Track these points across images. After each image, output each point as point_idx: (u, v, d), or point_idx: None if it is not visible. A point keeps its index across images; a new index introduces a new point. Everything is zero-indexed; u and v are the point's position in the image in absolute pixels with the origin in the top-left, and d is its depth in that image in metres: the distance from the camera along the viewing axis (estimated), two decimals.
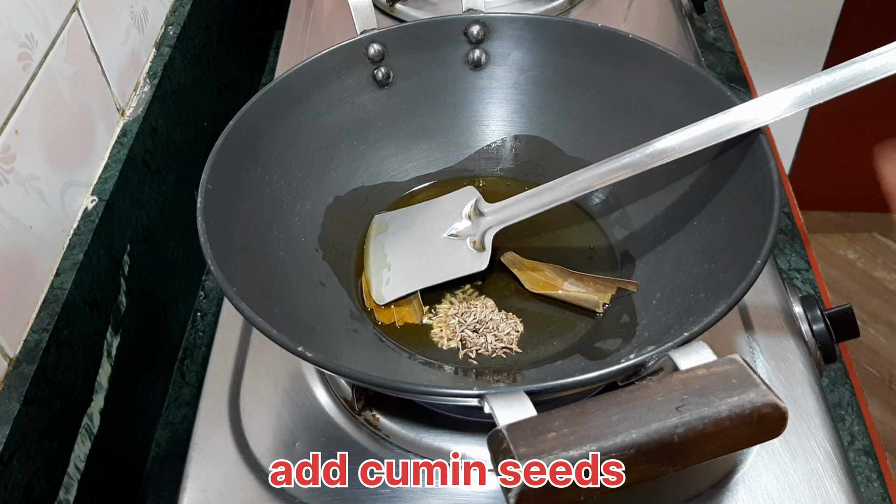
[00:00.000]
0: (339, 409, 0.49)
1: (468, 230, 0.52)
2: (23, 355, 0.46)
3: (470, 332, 0.49)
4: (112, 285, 0.55)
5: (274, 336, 0.39)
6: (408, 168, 0.59)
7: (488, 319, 0.49)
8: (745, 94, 0.82)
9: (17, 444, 0.43)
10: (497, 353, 0.48)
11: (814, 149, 1.67)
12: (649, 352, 0.36)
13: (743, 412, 0.32)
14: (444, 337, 0.49)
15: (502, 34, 0.57)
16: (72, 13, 0.55)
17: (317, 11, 0.80)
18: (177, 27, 0.70)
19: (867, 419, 0.57)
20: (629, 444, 0.31)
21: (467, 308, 0.50)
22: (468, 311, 0.50)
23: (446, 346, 0.49)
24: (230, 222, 0.47)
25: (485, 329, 0.49)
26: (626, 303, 0.49)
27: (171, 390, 0.63)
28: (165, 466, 0.58)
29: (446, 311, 0.50)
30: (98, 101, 0.58)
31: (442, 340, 0.49)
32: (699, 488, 0.44)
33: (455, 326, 0.49)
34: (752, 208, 0.44)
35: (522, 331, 0.49)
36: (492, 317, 0.50)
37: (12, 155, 0.47)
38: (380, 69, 0.57)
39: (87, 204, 0.55)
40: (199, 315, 0.68)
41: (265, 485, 0.45)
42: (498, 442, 0.32)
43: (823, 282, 0.67)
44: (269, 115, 0.52)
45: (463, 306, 0.50)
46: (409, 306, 0.51)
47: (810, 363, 0.50)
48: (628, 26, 0.75)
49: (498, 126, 0.59)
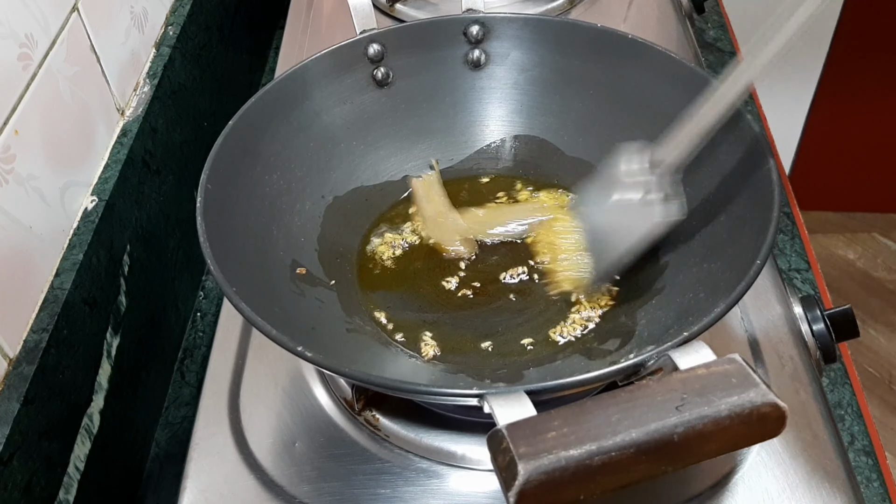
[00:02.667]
0: (339, 409, 0.49)
1: (652, 186, 0.47)
2: (22, 355, 0.46)
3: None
4: (112, 285, 0.55)
5: (274, 336, 0.39)
6: (407, 168, 0.58)
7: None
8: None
9: (17, 444, 0.43)
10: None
11: (814, 149, 1.67)
12: (649, 351, 0.36)
13: (742, 412, 0.32)
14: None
15: (502, 34, 0.57)
16: (72, 13, 0.55)
17: (317, 12, 0.80)
18: (177, 27, 0.70)
19: (867, 419, 0.57)
20: (629, 444, 0.31)
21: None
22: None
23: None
24: (230, 222, 0.47)
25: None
26: (625, 303, 0.49)
27: (171, 390, 0.63)
28: (165, 466, 0.58)
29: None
30: (98, 101, 0.58)
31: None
32: (699, 488, 0.44)
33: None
34: (751, 208, 0.44)
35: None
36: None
37: (12, 155, 0.47)
38: (379, 69, 0.57)
39: (86, 204, 0.55)
40: (199, 315, 0.68)
41: (265, 485, 0.45)
42: (498, 441, 0.32)
43: (823, 282, 0.67)
44: (268, 115, 0.52)
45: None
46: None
47: (810, 363, 0.50)
48: (628, 26, 0.75)
49: (497, 126, 0.59)
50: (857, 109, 1.60)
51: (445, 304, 0.51)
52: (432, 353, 0.48)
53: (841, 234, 1.79)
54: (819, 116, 1.61)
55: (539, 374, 0.46)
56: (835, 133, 1.64)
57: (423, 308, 0.51)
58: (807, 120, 1.63)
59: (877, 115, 1.61)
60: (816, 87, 1.57)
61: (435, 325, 0.50)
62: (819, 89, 1.57)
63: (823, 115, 1.61)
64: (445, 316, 0.50)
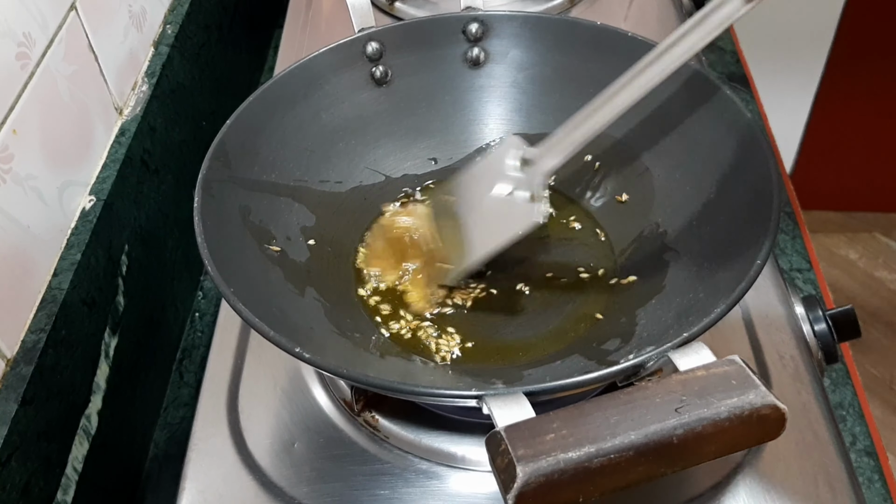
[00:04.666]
0: (338, 410, 0.48)
1: (521, 184, 0.48)
2: (20, 356, 0.46)
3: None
4: (110, 285, 0.55)
5: (272, 337, 0.38)
6: (406, 167, 0.58)
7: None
8: (745, 94, 0.82)
9: (15, 444, 0.43)
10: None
11: (815, 148, 1.67)
12: (648, 352, 0.35)
13: (742, 413, 0.32)
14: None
15: (501, 32, 0.57)
16: (70, 12, 0.55)
17: (316, 11, 0.80)
18: (175, 26, 0.70)
19: (869, 420, 0.57)
20: (628, 446, 0.31)
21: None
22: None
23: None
24: (228, 222, 0.47)
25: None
26: (625, 303, 0.49)
27: (170, 391, 0.63)
28: (164, 467, 0.58)
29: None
30: (96, 100, 0.58)
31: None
32: (699, 488, 0.44)
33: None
34: (751, 208, 0.44)
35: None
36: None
37: (10, 154, 0.47)
38: (378, 67, 0.57)
39: (84, 204, 0.55)
40: (198, 315, 0.68)
41: (264, 486, 0.45)
42: (496, 443, 0.32)
43: (825, 282, 0.67)
44: (266, 114, 0.52)
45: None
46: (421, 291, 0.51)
47: (812, 364, 0.49)
48: (628, 25, 0.75)
49: (496, 124, 0.59)
50: (858, 109, 1.60)
51: (445, 304, 0.51)
52: (431, 354, 0.48)
53: (842, 234, 1.78)
54: (820, 116, 1.61)
55: (538, 376, 0.46)
56: (836, 132, 1.64)
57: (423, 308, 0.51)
58: (808, 119, 1.63)
59: (878, 115, 1.61)
60: (818, 86, 1.57)
61: (433, 326, 0.50)
62: (821, 89, 1.57)
63: (825, 115, 1.61)
64: (444, 317, 0.50)
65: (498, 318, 0.50)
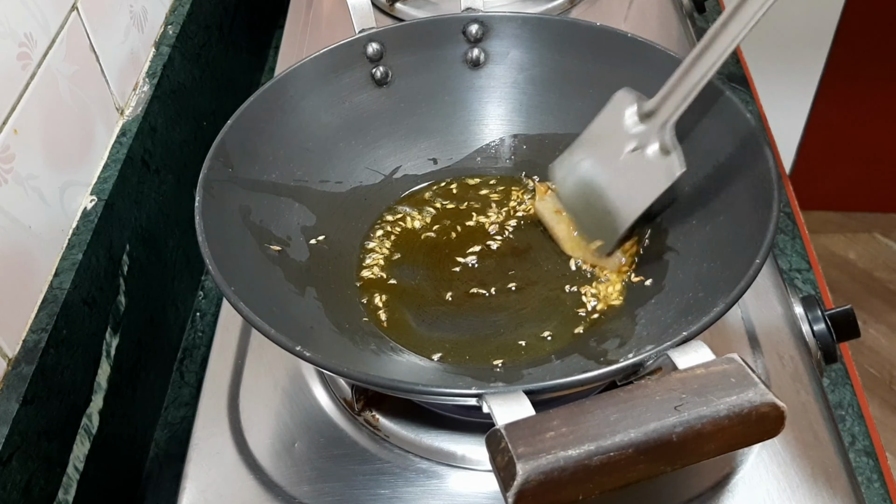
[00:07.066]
0: (338, 409, 0.49)
1: (647, 138, 0.47)
2: (22, 355, 0.46)
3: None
4: (111, 285, 0.55)
5: (272, 336, 0.39)
6: (406, 167, 0.58)
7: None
8: (745, 94, 0.82)
9: (16, 444, 0.43)
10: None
11: (814, 149, 1.67)
12: (648, 351, 0.36)
13: (741, 411, 0.32)
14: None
15: (501, 33, 0.57)
16: (71, 12, 0.55)
17: (316, 11, 0.80)
18: (176, 26, 0.70)
19: (868, 420, 0.57)
20: (627, 444, 0.31)
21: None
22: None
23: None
24: (229, 221, 0.47)
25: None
26: (624, 302, 0.49)
27: (171, 390, 0.63)
28: (164, 467, 0.58)
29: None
30: (97, 100, 0.58)
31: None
32: (699, 488, 0.44)
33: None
34: (751, 207, 0.44)
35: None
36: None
37: (11, 154, 0.47)
38: (378, 68, 0.57)
39: (86, 204, 0.55)
40: (199, 315, 0.68)
41: (264, 485, 0.45)
42: (496, 441, 0.32)
43: (824, 282, 0.67)
44: (267, 114, 0.52)
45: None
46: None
47: (811, 363, 0.50)
48: (629, 26, 0.75)
49: (497, 125, 0.59)
50: (857, 109, 1.60)
51: (444, 303, 0.51)
52: (431, 353, 0.48)
53: (841, 234, 1.78)
54: (820, 116, 1.61)
55: (538, 374, 0.46)
56: (836, 133, 1.64)
57: (423, 307, 0.51)
58: (808, 119, 1.63)
59: (878, 115, 1.61)
60: (817, 86, 1.57)
61: (434, 325, 0.50)
62: (820, 89, 1.57)
63: (824, 115, 1.61)
64: (444, 315, 0.50)
65: (498, 316, 0.50)
